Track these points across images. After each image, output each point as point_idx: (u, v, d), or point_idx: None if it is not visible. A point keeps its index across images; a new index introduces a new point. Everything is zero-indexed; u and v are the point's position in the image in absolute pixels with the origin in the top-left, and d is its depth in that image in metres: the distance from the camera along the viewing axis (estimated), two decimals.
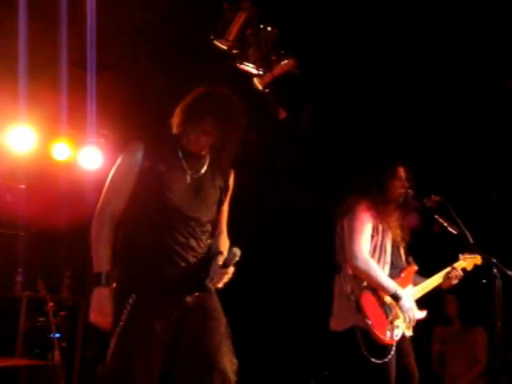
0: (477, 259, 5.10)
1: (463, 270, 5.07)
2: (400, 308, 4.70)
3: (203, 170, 3.81)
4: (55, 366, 6.35)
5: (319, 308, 6.78)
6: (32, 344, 7.05)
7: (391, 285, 4.70)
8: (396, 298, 4.69)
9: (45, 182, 7.40)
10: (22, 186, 7.11)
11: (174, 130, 3.76)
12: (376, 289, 4.68)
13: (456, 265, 5.05)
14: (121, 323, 3.52)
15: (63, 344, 6.90)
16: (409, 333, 4.81)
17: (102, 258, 3.57)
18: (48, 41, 5.89)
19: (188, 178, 3.75)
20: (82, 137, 7.42)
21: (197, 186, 3.76)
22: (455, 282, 5.05)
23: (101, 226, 3.61)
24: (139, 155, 3.68)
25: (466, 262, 5.08)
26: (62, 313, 7.31)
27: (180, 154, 3.75)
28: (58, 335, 6.55)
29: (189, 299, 3.64)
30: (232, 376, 3.60)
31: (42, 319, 6.99)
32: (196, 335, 3.62)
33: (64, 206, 7.32)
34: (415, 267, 4.99)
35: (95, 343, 7.76)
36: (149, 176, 3.66)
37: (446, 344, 7.15)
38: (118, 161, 3.74)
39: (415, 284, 4.97)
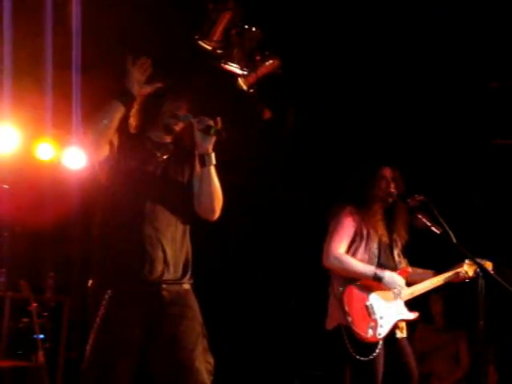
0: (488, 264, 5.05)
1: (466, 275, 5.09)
2: (386, 286, 4.74)
3: (169, 155, 3.84)
4: (39, 367, 6.34)
5: (303, 307, 6.81)
6: (15, 345, 7.01)
7: (368, 269, 4.76)
8: (377, 278, 4.74)
9: (29, 182, 7.36)
10: (6, 186, 7.07)
11: (136, 127, 3.89)
12: (358, 288, 4.72)
13: (459, 270, 5.08)
14: (98, 319, 3.54)
15: (47, 345, 6.88)
16: (402, 335, 4.84)
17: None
18: (32, 40, 5.88)
19: (157, 161, 3.79)
20: (67, 137, 7.40)
21: (166, 171, 3.79)
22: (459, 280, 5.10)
23: None
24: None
25: (471, 268, 5.07)
26: (45, 313, 7.28)
27: (146, 142, 3.82)
28: (41, 336, 6.53)
29: (165, 294, 3.63)
30: (206, 376, 3.60)
31: (25, 320, 6.95)
32: (171, 334, 3.60)
33: (48, 205, 7.29)
34: (408, 269, 5.01)
35: (79, 344, 7.75)
36: (118, 162, 3.72)
37: (426, 343, 7.16)
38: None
39: (411, 283, 5.00)
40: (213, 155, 3.74)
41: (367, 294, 4.75)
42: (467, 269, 5.07)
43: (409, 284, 4.97)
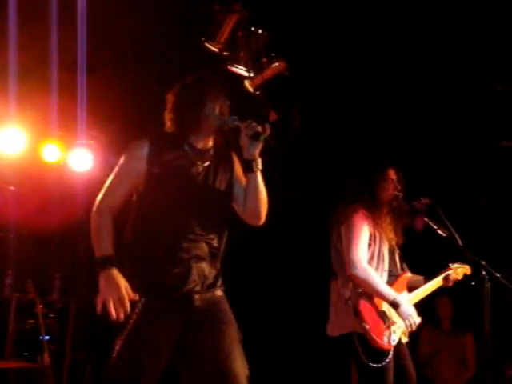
0: (466, 269, 5.13)
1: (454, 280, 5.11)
2: (400, 315, 4.70)
3: (210, 163, 3.69)
4: (45, 369, 6.34)
5: (308, 310, 6.78)
6: (21, 346, 7.02)
7: (389, 292, 4.70)
8: (395, 305, 4.69)
9: (35, 183, 7.38)
10: (12, 188, 7.09)
11: (174, 127, 3.70)
12: (371, 296, 4.69)
13: (447, 273, 5.09)
14: (129, 326, 3.43)
15: (53, 346, 6.88)
16: (405, 339, 4.82)
17: (103, 243, 3.45)
18: (38, 42, 5.88)
19: (196, 172, 3.64)
20: (72, 139, 7.41)
21: (206, 180, 3.66)
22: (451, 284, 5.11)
23: (99, 216, 3.52)
24: (145, 151, 3.59)
25: (456, 271, 5.11)
26: (51, 315, 7.29)
27: (186, 148, 3.65)
28: (47, 337, 6.54)
29: (198, 302, 3.54)
30: (245, 381, 3.50)
31: (31, 321, 6.96)
32: (207, 339, 3.52)
33: (54, 207, 7.30)
34: (409, 274, 5.00)
35: (84, 345, 7.76)
36: (157, 172, 3.57)
37: (433, 346, 7.15)
38: (123, 156, 3.65)
39: (411, 289, 4.99)
40: (259, 160, 3.60)
41: (380, 301, 4.72)
42: (454, 272, 5.10)
43: None
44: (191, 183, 3.61)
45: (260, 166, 3.62)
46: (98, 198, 3.59)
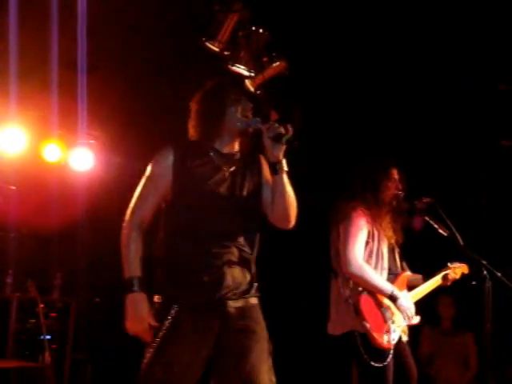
0: (464, 268, 5.16)
1: (453, 279, 5.13)
2: (398, 308, 4.73)
3: (237, 167, 3.64)
4: (45, 368, 6.33)
5: (312, 310, 6.77)
6: (22, 345, 7.03)
7: (387, 286, 4.73)
8: (393, 298, 4.72)
9: (35, 183, 7.38)
10: (13, 187, 7.09)
11: (198, 134, 3.68)
12: (372, 294, 4.69)
13: (446, 273, 5.10)
14: (161, 334, 3.38)
15: (53, 346, 6.89)
16: (405, 338, 4.83)
17: (133, 263, 3.44)
18: (39, 42, 5.88)
19: (223, 177, 3.59)
20: (73, 138, 7.43)
21: (234, 185, 3.60)
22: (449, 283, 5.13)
23: (130, 232, 3.50)
24: (170, 160, 3.56)
25: (455, 271, 5.13)
26: (52, 314, 7.30)
27: (212, 154, 3.61)
28: (48, 337, 6.53)
29: (232, 309, 3.49)
30: None
31: (32, 321, 6.98)
32: (235, 349, 3.46)
33: (55, 207, 7.30)
34: (408, 273, 5.02)
35: (86, 345, 7.76)
36: (184, 180, 3.55)
37: (434, 345, 7.15)
38: (149, 167, 3.61)
39: (411, 288, 5.00)
40: (284, 162, 3.54)
41: (381, 300, 4.72)
42: (453, 272, 5.12)
43: None
44: (218, 189, 3.56)
45: (285, 168, 3.56)
46: (129, 211, 3.57)
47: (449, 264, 5.14)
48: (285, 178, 3.57)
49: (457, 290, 5.49)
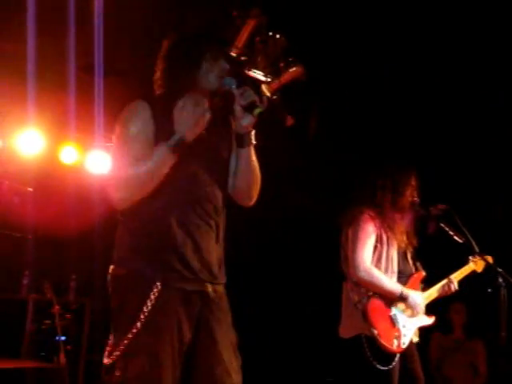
0: (488, 259, 5.08)
1: (473, 271, 5.09)
2: (409, 305, 4.73)
3: (209, 126, 3.23)
4: (60, 369, 6.37)
5: (319, 313, 6.78)
6: (38, 346, 7.06)
7: (396, 287, 4.74)
8: (403, 297, 4.72)
9: (52, 185, 7.43)
10: (30, 189, 7.13)
11: (165, 89, 3.30)
12: (381, 299, 4.69)
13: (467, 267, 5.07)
14: (142, 316, 3.02)
15: (68, 347, 6.91)
16: (416, 339, 4.83)
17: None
18: (56, 45, 5.91)
19: (202, 135, 3.18)
20: (90, 141, 7.46)
21: (209, 147, 3.26)
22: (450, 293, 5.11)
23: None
24: (148, 112, 3.17)
25: (477, 264, 5.10)
26: (67, 315, 7.32)
27: None
28: (63, 338, 6.57)
29: (210, 290, 3.18)
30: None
31: (47, 322, 6.99)
32: (211, 340, 3.14)
33: (71, 209, 7.34)
34: (423, 273, 5.01)
35: (101, 346, 7.78)
36: (164, 135, 3.12)
37: (444, 351, 7.13)
38: (125, 123, 3.26)
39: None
40: (253, 133, 3.25)
41: (390, 305, 4.72)
42: (474, 265, 5.11)
43: None
44: (196, 149, 3.18)
45: (253, 141, 3.28)
46: (116, 170, 3.23)
47: (470, 258, 5.11)
48: (251, 151, 3.29)
49: (471, 298, 5.47)
